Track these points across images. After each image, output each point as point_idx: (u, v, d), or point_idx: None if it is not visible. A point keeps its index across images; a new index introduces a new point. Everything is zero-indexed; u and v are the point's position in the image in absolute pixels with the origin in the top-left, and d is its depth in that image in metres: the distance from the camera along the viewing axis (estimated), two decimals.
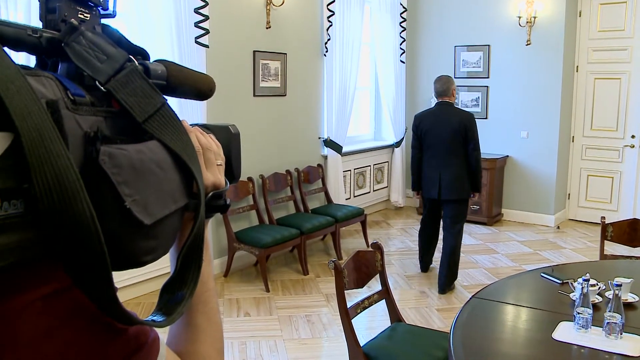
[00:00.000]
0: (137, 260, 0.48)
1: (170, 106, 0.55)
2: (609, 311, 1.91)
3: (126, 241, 0.46)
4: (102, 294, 0.43)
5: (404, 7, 6.55)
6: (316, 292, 4.22)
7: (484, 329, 2.08)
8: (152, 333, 0.53)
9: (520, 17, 6.03)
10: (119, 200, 0.45)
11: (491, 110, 6.44)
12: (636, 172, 6.00)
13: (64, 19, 0.52)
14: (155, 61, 0.60)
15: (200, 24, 4.02)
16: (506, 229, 6.09)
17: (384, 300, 2.62)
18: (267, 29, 4.82)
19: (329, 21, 5.38)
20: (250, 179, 4.63)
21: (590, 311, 1.94)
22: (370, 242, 2.69)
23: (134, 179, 0.47)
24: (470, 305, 2.20)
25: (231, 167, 0.73)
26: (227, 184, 0.69)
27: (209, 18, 4.08)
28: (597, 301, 2.19)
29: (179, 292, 0.55)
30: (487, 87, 6.43)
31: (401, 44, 6.59)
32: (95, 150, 0.44)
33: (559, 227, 6.16)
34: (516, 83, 6.23)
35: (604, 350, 1.83)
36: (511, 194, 6.41)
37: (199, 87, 0.66)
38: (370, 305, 2.53)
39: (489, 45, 6.35)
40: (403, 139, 6.69)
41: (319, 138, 5.60)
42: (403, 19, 6.57)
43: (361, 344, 2.33)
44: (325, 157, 5.61)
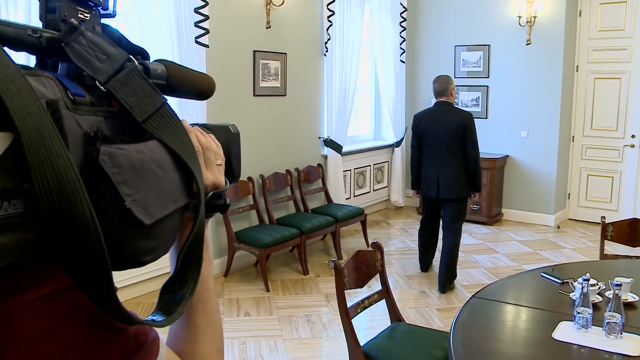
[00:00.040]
0: (137, 260, 0.48)
1: (170, 106, 0.55)
2: (609, 311, 1.91)
3: (126, 241, 0.46)
4: (102, 294, 0.43)
5: (404, 7, 6.55)
6: (316, 291, 4.22)
7: (484, 328, 2.08)
8: (152, 333, 0.53)
9: (520, 17, 6.02)
10: (119, 200, 0.45)
11: (491, 110, 6.44)
12: (636, 171, 6.00)
13: (64, 18, 0.52)
14: (155, 61, 0.60)
15: (200, 24, 4.02)
16: (506, 228, 6.09)
17: (384, 300, 2.62)
18: (267, 28, 4.82)
19: (329, 21, 5.38)
20: (250, 178, 4.63)
21: (590, 311, 1.94)
22: (371, 242, 2.69)
23: (134, 178, 0.47)
24: (470, 305, 2.20)
25: (231, 167, 0.73)
26: (227, 183, 0.69)
27: (209, 18, 4.08)
28: (597, 301, 2.19)
29: (179, 292, 0.55)
30: (487, 86, 6.42)
31: (401, 44, 6.59)
32: (95, 150, 0.44)
33: (559, 227, 6.16)
34: (516, 83, 6.23)
35: (604, 350, 1.83)
36: (511, 193, 6.41)
37: (199, 87, 0.66)
38: (370, 305, 2.53)
39: (489, 45, 6.35)
40: (403, 138, 6.69)
41: (319, 138, 5.60)
42: (403, 19, 6.57)
43: (361, 344, 2.33)
44: (325, 157, 5.61)
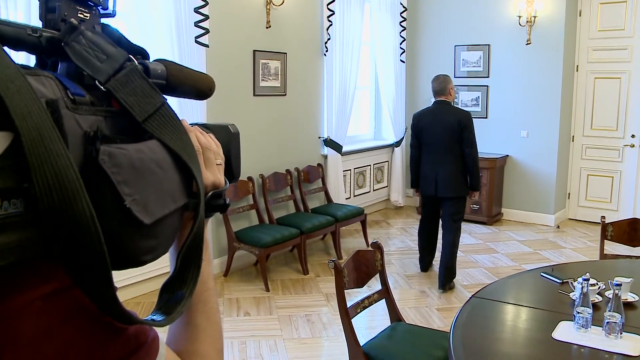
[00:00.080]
0: (137, 259, 0.48)
1: (170, 106, 0.55)
2: (609, 311, 1.91)
3: (126, 241, 0.46)
4: (102, 293, 0.43)
5: (404, 6, 6.55)
6: (316, 291, 4.22)
7: (484, 328, 2.08)
8: (152, 332, 0.53)
9: (520, 17, 6.02)
10: (118, 200, 0.45)
11: (491, 109, 6.44)
12: (636, 171, 6.00)
13: (64, 18, 0.52)
14: (155, 61, 0.60)
15: (200, 24, 4.02)
16: (506, 228, 6.09)
17: (383, 299, 2.62)
18: (267, 28, 4.82)
19: (329, 21, 5.38)
20: (250, 178, 4.63)
21: (590, 311, 1.94)
22: (370, 242, 2.69)
23: (134, 178, 0.47)
24: (470, 305, 2.20)
25: (231, 167, 0.73)
26: (227, 183, 0.69)
27: (208, 17, 4.08)
28: (597, 301, 2.19)
29: (178, 292, 0.55)
30: (487, 86, 6.42)
31: (401, 44, 6.59)
32: (95, 150, 0.44)
33: (559, 227, 6.16)
34: (516, 82, 6.23)
35: (603, 350, 1.83)
36: (511, 193, 6.41)
37: (198, 87, 0.66)
38: (370, 304, 2.53)
39: (489, 45, 6.35)
40: (403, 138, 6.69)
41: (319, 137, 5.60)
42: (403, 19, 6.57)
43: (361, 344, 2.33)
44: (325, 157, 5.61)
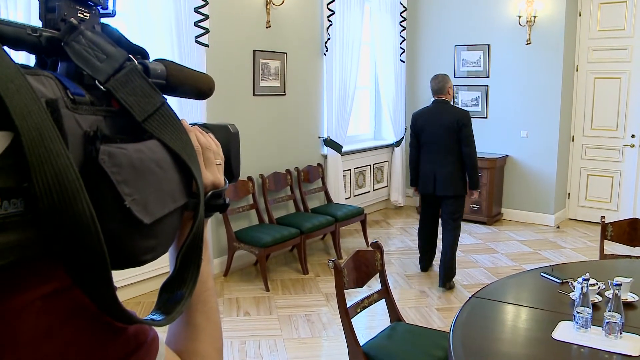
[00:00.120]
0: (137, 259, 0.48)
1: (170, 105, 0.55)
2: (609, 311, 1.91)
3: (126, 240, 0.46)
4: (102, 293, 0.43)
5: (404, 6, 6.55)
6: (316, 291, 4.22)
7: (483, 328, 2.08)
8: (152, 332, 0.53)
9: (520, 17, 6.02)
10: (118, 200, 0.45)
11: (491, 109, 6.44)
12: (636, 171, 6.00)
13: (64, 18, 0.52)
14: (154, 60, 0.60)
15: (200, 23, 4.02)
16: (506, 228, 6.09)
17: (383, 299, 2.62)
18: (267, 28, 4.82)
19: (329, 20, 5.38)
20: (250, 178, 4.63)
21: (590, 311, 1.94)
22: (370, 242, 2.69)
23: (134, 178, 0.47)
24: (470, 305, 2.20)
25: (230, 167, 0.73)
26: (227, 183, 0.69)
27: (208, 17, 4.08)
28: (596, 301, 2.19)
29: (178, 291, 0.55)
30: (487, 86, 6.42)
31: (401, 44, 6.59)
32: (94, 150, 0.44)
33: (558, 227, 6.16)
34: (516, 82, 6.22)
35: (603, 350, 1.83)
36: (511, 193, 6.41)
37: (198, 87, 0.66)
38: (370, 304, 2.53)
39: (489, 45, 6.35)
40: (403, 138, 6.69)
41: (319, 137, 5.60)
42: (403, 19, 6.57)
43: (361, 344, 2.33)
44: (325, 157, 5.61)
